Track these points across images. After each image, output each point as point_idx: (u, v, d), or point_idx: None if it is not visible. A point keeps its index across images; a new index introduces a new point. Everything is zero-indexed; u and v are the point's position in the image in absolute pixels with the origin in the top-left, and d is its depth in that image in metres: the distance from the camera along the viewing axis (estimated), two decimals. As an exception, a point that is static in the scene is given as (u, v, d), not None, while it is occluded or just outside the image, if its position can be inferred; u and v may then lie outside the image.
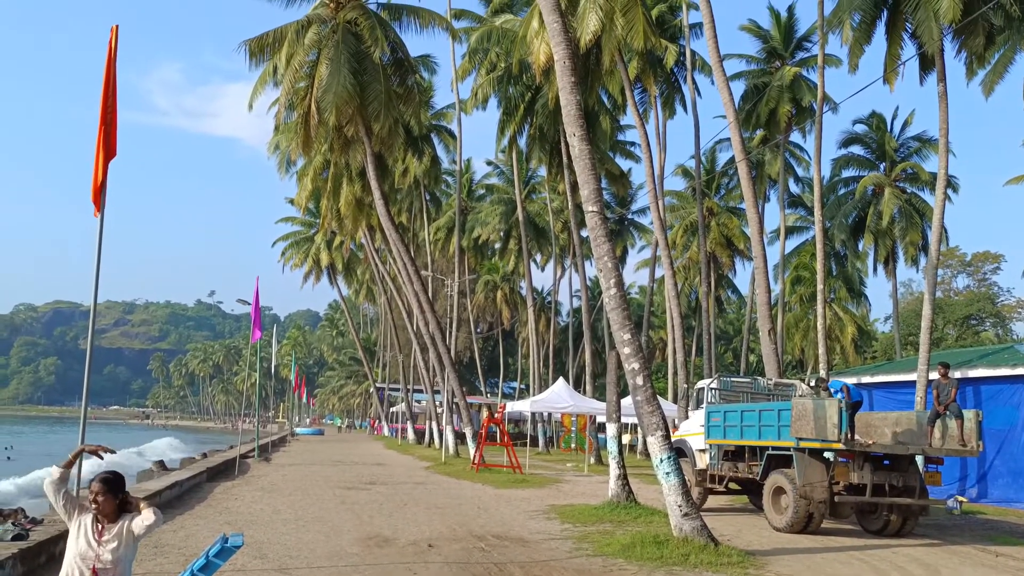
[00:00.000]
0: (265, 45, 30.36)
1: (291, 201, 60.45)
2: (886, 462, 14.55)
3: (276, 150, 49.52)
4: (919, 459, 15.13)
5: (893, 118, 41.15)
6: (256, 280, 27.55)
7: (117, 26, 8.23)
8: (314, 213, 58.70)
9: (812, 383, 17.93)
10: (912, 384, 22.41)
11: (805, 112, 38.09)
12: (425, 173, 48.65)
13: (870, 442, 14.40)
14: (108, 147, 8.18)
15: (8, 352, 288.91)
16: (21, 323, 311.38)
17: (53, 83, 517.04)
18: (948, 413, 14.72)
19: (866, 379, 24.48)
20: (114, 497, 4.91)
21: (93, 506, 4.90)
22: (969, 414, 14.63)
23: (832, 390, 14.79)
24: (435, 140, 49.43)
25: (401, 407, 65.04)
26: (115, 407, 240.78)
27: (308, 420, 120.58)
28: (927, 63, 23.81)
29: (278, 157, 49.94)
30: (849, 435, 13.74)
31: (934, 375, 16.24)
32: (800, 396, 16.23)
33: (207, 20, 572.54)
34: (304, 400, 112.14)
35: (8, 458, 49.18)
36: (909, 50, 23.95)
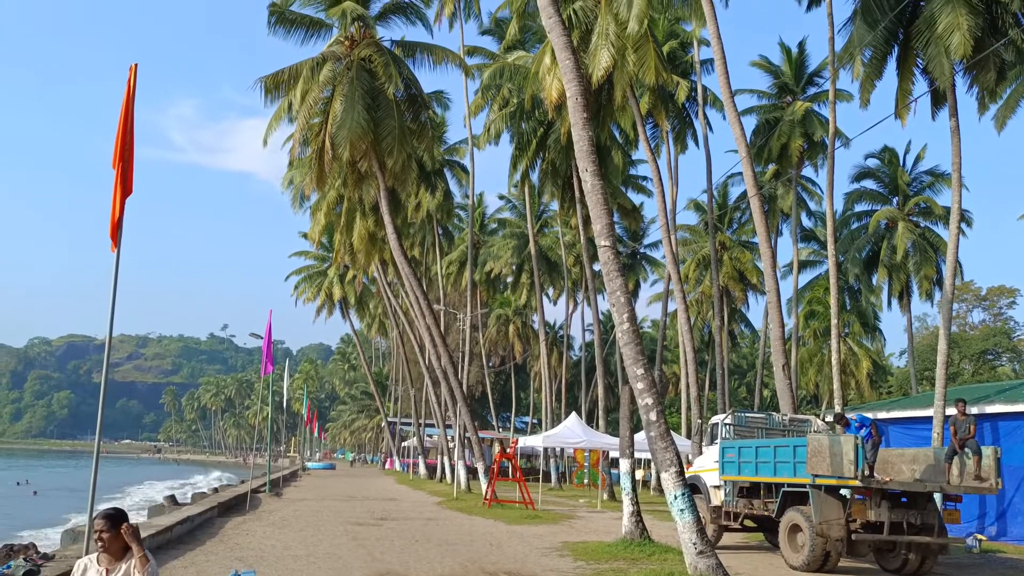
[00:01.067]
0: (280, 82, 30.77)
1: (305, 235, 60.79)
2: (904, 499, 14.36)
3: (290, 185, 49.99)
4: (937, 496, 14.92)
5: (905, 152, 41.15)
6: (269, 314, 27.66)
7: (136, 65, 8.34)
8: (327, 247, 59.07)
9: (829, 418, 17.77)
10: (929, 420, 22.15)
11: (817, 147, 38.14)
12: (438, 207, 48.90)
13: (887, 479, 14.23)
14: (125, 185, 8.27)
15: (22, 386, 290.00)
16: (35, 357, 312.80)
17: (72, 117, 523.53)
18: (966, 450, 14.53)
19: (882, 415, 24.23)
20: (119, 532, 4.90)
21: (99, 544, 4.89)
22: (987, 451, 14.44)
23: (859, 423, 14.56)
24: (448, 175, 49.74)
25: (413, 442, 64.78)
26: (127, 441, 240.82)
27: (319, 454, 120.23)
28: (938, 98, 23.84)
29: (292, 192, 50.41)
30: (866, 472, 13.59)
31: (951, 411, 16.06)
32: (815, 432, 16.07)
33: (223, 56, 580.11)
34: (316, 434, 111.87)
35: (34, 492, 49.50)
36: (920, 85, 23.98)
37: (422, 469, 55.93)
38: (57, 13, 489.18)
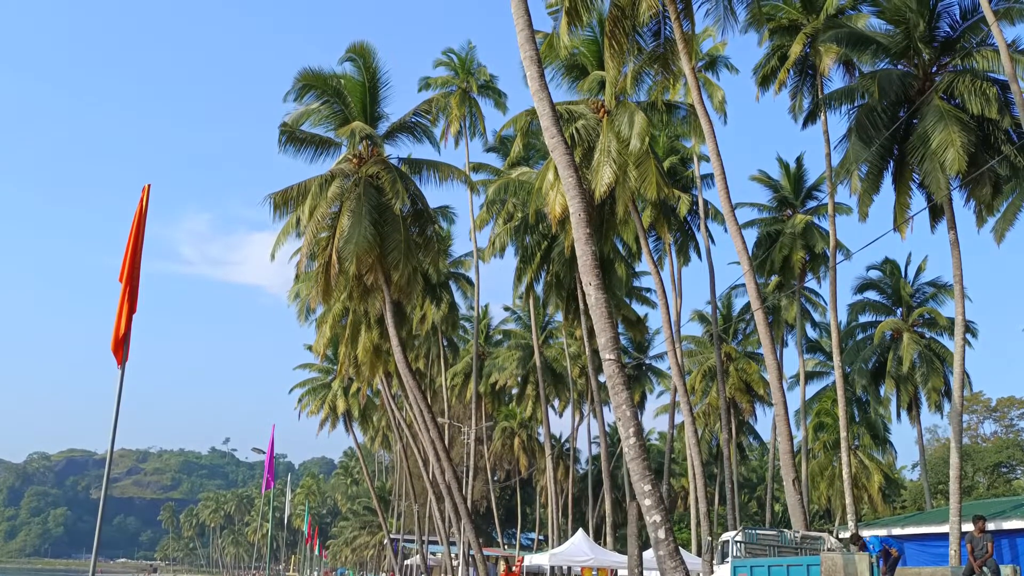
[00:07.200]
0: (289, 198, 31.34)
1: (310, 348, 60.82)
2: (924, 621, 13.87)
3: (296, 298, 50.26)
4: (958, 618, 14.40)
5: (907, 264, 41.55)
6: (272, 428, 27.44)
7: (149, 186, 8.54)
8: (332, 360, 58.92)
9: (843, 534, 17.35)
10: (945, 536, 21.59)
11: (819, 258, 38.52)
12: (443, 319, 49.04)
13: (905, 600, 13.77)
14: (132, 302, 8.33)
15: (19, 502, 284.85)
16: (34, 472, 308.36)
17: (77, 231, 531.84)
18: (984, 569, 14.09)
19: (896, 531, 23.65)
20: None
21: None
22: (1007, 570, 14.03)
23: (871, 547, 14.19)
24: (453, 287, 50.08)
25: (416, 559, 63.05)
26: (122, 560, 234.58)
27: (320, 573, 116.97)
28: (936, 211, 24.21)
29: (298, 305, 50.61)
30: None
31: (967, 527, 15.66)
32: (829, 550, 15.63)
33: (233, 171, 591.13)
34: (316, 552, 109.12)
35: None
36: (917, 198, 24.39)
37: (425, 589, 54.26)
38: (72, 131, 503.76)
